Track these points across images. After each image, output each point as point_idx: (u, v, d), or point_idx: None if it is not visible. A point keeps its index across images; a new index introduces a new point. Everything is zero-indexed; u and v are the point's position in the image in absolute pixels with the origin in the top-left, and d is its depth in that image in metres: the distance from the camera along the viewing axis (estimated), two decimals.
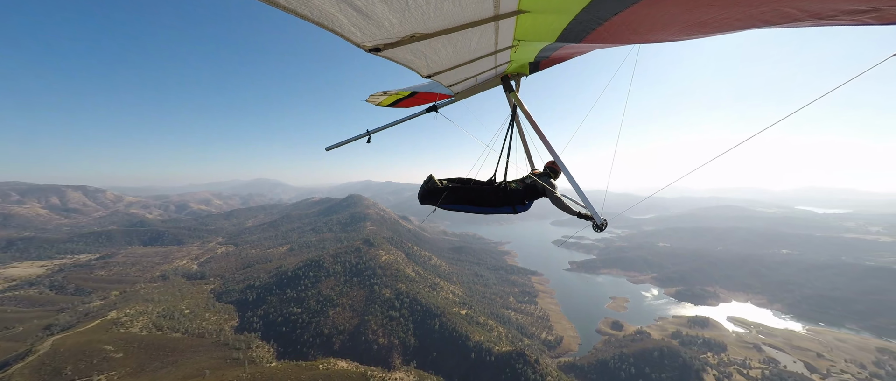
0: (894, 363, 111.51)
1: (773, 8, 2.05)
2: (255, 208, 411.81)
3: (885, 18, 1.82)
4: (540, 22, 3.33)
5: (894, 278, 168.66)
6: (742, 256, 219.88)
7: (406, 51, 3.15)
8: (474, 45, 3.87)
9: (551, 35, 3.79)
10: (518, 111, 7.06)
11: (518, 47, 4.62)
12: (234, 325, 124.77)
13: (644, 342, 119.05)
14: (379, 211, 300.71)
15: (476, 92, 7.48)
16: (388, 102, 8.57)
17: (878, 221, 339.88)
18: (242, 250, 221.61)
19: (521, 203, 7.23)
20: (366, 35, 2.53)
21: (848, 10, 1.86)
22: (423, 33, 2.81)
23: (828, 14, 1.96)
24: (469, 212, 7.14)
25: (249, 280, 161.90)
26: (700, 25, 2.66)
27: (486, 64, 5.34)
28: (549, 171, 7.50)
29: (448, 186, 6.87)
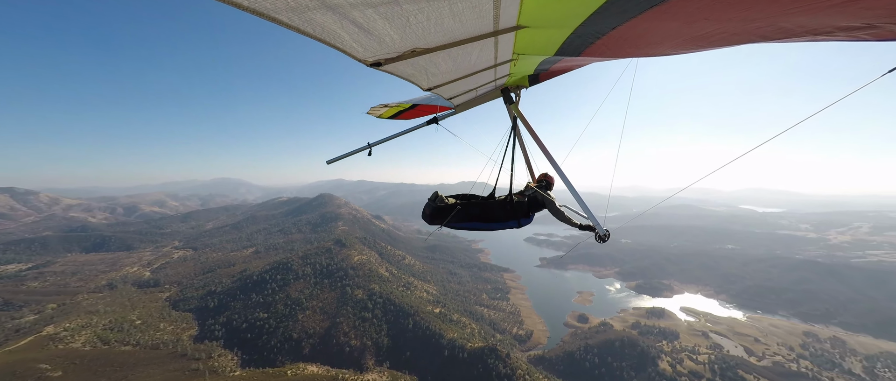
0: (817, 345, 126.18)
1: (771, 23, 2.08)
2: (216, 210, 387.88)
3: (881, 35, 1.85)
4: (539, 36, 3.42)
5: (818, 270, 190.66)
6: (694, 251, 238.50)
7: (407, 65, 3.24)
8: (474, 59, 3.95)
9: (550, 49, 3.90)
10: (518, 123, 7.03)
11: (517, 61, 4.68)
12: (193, 334, 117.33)
13: (607, 334, 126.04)
14: (351, 211, 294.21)
15: (476, 104, 7.47)
16: (388, 115, 8.56)
17: (806, 219, 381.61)
18: (202, 254, 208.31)
19: (525, 216, 7.12)
20: (367, 50, 2.56)
21: (843, 27, 1.89)
22: (424, 48, 2.88)
23: (824, 30, 1.99)
24: (475, 230, 6.91)
25: (210, 286, 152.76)
26: (698, 40, 2.71)
27: (486, 77, 5.39)
28: (543, 182, 7.49)
29: (457, 204, 6.66)
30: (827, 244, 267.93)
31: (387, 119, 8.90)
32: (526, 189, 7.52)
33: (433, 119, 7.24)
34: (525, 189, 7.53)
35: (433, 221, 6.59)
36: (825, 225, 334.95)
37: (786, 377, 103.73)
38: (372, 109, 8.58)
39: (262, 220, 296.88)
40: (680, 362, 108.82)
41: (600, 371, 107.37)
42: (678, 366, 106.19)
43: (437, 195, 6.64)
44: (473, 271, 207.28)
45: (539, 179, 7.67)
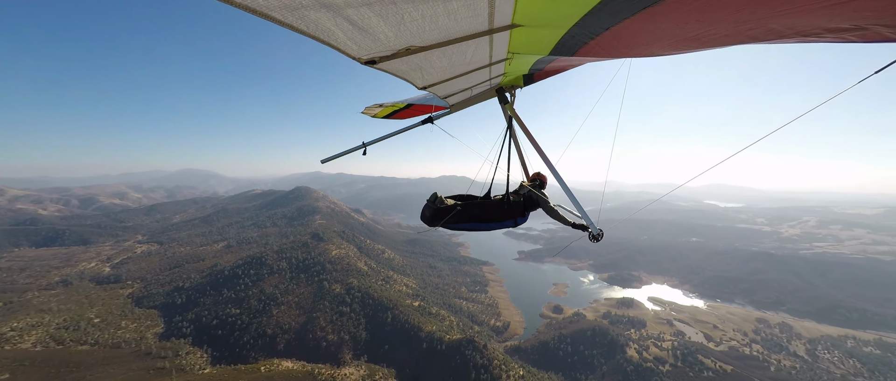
0: (767, 330, 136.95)
1: (761, 25, 2.11)
2: (183, 202, 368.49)
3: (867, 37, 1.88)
4: (533, 36, 3.43)
5: (770, 261, 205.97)
6: (662, 244, 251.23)
7: (401, 63, 3.23)
8: (469, 57, 3.93)
9: (545, 48, 3.90)
10: (513, 123, 7.01)
11: (512, 60, 4.70)
12: (159, 332, 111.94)
13: (580, 323, 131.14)
14: (329, 204, 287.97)
15: (471, 104, 7.44)
16: (383, 114, 8.49)
17: (762, 213, 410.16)
18: (169, 248, 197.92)
19: (521, 215, 7.15)
20: (361, 48, 2.54)
21: (832, 28, 1.92)
22: (419, 46, 2.87)
23: (813, 31, 2.03)
24: (473, 230, 6.92)
25: (177, 282, 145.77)
26: (690, 41, 2.76)
27: (481, 76, 5.37)
28: (536, 181, 7.53)
29: (457, 205, 6.64)
30: (779, 237, 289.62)
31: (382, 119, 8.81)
32: (520, 188, 7.57)
33: (428, 119, 7.16)
34: (520, 188, 7.58)
35: (433, 222, 6.55)
36: (778, 219, 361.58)
37: (740, 360, 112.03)
38: (367, 109, 8.51)
39: (234, 213, 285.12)
40: (646, 348, 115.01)
41: (573, 359, 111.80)
42: (644, 353, 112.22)
43: (436, 197, 6.60)
44: (453, 264, 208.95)
45: (532, 177, 7.71)
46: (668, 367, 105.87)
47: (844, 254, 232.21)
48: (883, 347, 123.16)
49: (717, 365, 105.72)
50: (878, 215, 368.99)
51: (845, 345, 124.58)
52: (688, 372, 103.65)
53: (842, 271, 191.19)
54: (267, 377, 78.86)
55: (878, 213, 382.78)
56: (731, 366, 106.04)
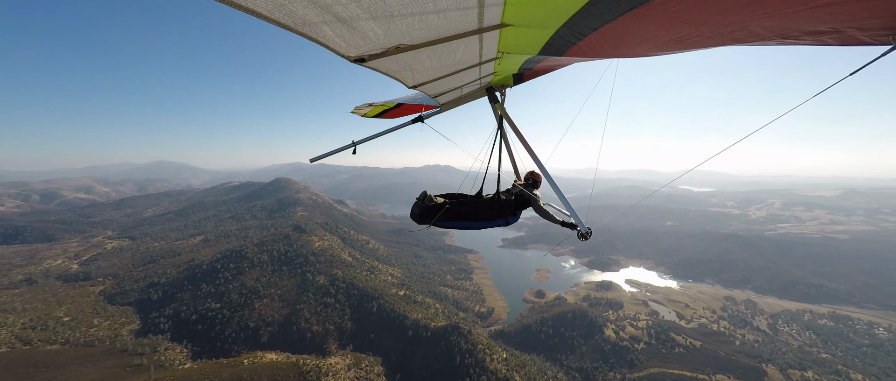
0: (734, 307, 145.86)
1: (742, 28, 2.21)
2: (156, 196, 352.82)
3: (845, 40, 1.96)
4: (522, 35, 3.45)
5: (738, 242, 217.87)
6: (639, 228, 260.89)
7: (391, 62, 3.21)
8: (459, 56, 3.93)
9: (534, 48, 3.93)
10: (504, 122, 7.03)
11: (502, 59, 4.72)
12: (135, 328, 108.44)
13: (561, 307, 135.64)
14: (311, 195, 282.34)
15: (462, 103, 7.43)
16: (373, 114, 8.45)
17: (732, 197, 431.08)
18: (142, 243, 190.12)
19: (513, 214, 7.18)
20: (350, 46, 2.52)
21: (810, 31, 2.00)
22: (409, 45, 2.86)
23: (792, 34, 2.11)
24: (464, 228, 6.94)
25: (152, 277, 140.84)
26: (675, 42, 2.83)
27: (471, 75, 5.37)
28: (530, 180, 7.54)
29: (446, 204, 6.63)
30: (747, 219, 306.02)
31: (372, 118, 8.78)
32: (513, 188, 7.54)
33: (418, 118, 7.12)
34: (512, 188, 7.54)
35: (422, 220, 6.54)
36: (746, 202, 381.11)
37: (708, 336, 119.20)
38: (356, 109, 8.48)
39: (210, 206, 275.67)
40: (622, 328, 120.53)
41: (554, 341, 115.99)
42: (621, 332, 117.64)
43: (426, 195, 6.62)
44: (438, 253, 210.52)
45: (526, 177, 7.74)
46: (643, 345, 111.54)
47: (805, 234, 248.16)
48: (836, 319, 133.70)
49: (688, 341, 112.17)
50: (835, 197, 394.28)
51: (803, 319, 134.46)
52: (660, 349, 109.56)
53: (802, 250, 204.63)
54: (251, 369, 78.10)
55: (835, 195, 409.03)
56: (700, 342, 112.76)
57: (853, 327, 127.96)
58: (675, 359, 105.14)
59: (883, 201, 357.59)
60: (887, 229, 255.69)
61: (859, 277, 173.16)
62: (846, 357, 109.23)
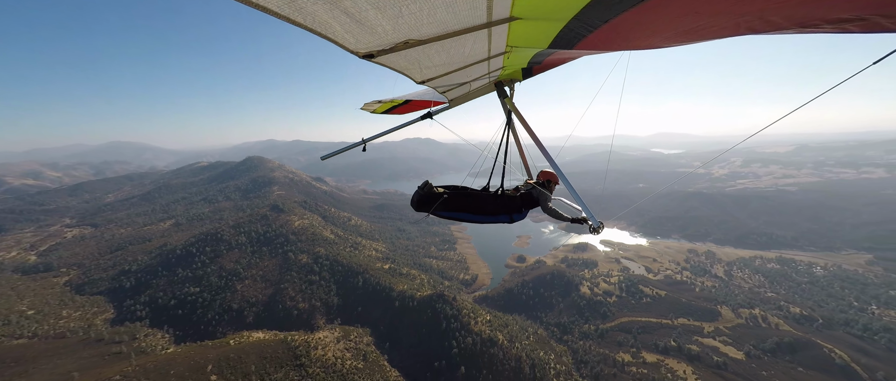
0: (696, 259, 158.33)
1: (760, 17, 2.09)
2: (115, 179, 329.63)
3: (869, 27, 1.85)
4: (532, 29, 3.34)
5: (702, 199, 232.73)
6: (614, 192, 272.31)
7: (400, 57, 3.13)
8: (468, 51, 3.82)
9: (544, 42, 3.81)
10: (513, 117, 6.96)
11: (511, 53, 4.56)
12: (109, 317, 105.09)
13: (541, 269, 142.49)
14: (287, 174, 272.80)
15: (471, 98, 7.29)
16: (382, 110, 8.37)
17: (699, 157, 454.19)
18: (105, 231, 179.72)
19: (518, 211, 7.11)
20: (359, 41, 2.50)
21: (832, 19, 1.89)
22: (417, 40, 2.80)
23: (812, 22, 1.99)
24: (464, 220, 6.97)
25: (122, 265, 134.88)
26: (689, 33, 2.69)
27: (480, 70, 5.26)
28: (545, 181, 7.44)
29: (444, 193, 6.64)
30: (711, 177, 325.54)
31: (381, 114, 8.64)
32: (521, 186, 7.48)
33: (427, 114, 7.12)
34: (522, 186, 7.48)
35: (420, 208, 6.61)
36: (711, 162, 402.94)
37: (672, 285, 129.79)
38: (366, 105, 8.44)
39: (178, 189, 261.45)
40: (597, 285, 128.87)
41: (534, 301, 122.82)
42: (595, 289, 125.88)
43: (426, 184, 6.71)
44: (422, 226, 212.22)
45: (539, 177, 7.63)
46: (615, 298, 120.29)
47: (760, 188, 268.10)
48: (782, 262, 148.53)
49: (654, 292, 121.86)
50: (789, 152, 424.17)
51: (754, 264, 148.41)
52: (630, 300, 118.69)
53: (758, 203, 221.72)
54: (238, 349, 78.35)
55: (789, 150, 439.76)
56: (665, 291, 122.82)
57: (795, 268, 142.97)
58: (643, 308, 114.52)
59: (829, 154, 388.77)
60: (831, 180, 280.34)
61: (804, 224, 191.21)
62: (788, 294, 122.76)
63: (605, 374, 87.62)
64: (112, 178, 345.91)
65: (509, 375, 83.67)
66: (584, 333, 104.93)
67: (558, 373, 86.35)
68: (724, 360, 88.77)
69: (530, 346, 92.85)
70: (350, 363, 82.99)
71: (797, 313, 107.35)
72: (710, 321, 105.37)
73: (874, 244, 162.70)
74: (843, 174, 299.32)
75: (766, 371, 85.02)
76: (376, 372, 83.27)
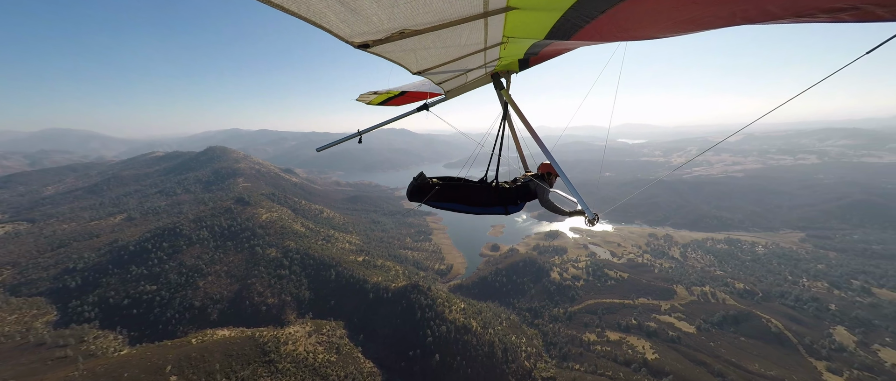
0: (655, 242, 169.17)
1: (757, 6, 2.09)
2: (56, 170, 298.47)
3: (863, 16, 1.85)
4: (529, 19, 3.31)
5: (662, 186, 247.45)
6: (581, 181, 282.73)
7: (395, 47, 3.10)
8: (464, 41, 3.75)
9: (540, 32, 3.76)
10: (510, 109, 6.89)
11: (507, 44, 4.50)
12: (52, 320, 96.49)
13: (513, 257, 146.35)
14: (253, 165, 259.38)
15: (467, 90, 7.23)
16: (378, 101, 8.38)
17: (660, 147, 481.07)
18: (45, 226, 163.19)
19: (513, 203, 7.14)
20: (354, 31, 2.49)
21: (827, 8, 1.89)
22: (413, 29, 2.78)
23: (808, 12, 1.99)
24: (458, 211, 6.99)
25: (65, 263, 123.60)
26: (685, 23, 2.69)
27: (476, 61, 5.20)
28: (544, 174, 7.39)
29: (438, 183, 6.66)
30: (670, 165, 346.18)
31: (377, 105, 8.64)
32: (517, 178, 7.48)
33: (423, 105, 7.08)
34: (517, 178, 7.49)
35: (413, 198, 6.71)
36: (670, 151, 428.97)
37: (634, 268, 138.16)
38: (361, 96, 8.49)
39: (130, 180, 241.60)
40: (566, 270, 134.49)
41: (507, 288, 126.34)
42: (564, 274, 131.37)
43: (421, 175, 6.81)
44: (397, 217, 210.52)
45: (540, 169, 7.58)
46: (582, 282, 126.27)
47: (712, 175, 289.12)
48: (729, 242, 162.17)
49: (618, 275, 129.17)
50: (739, 141, 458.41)
51: (706, 245, 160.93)
52: (596, 283, 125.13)
53: (710, 188, 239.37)
54: (200, 348, 74.75)
55: (739, 139, 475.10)
56: (628, 274, 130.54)
57: (741, 247, 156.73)
58: (608, 290, 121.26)
59: (771, 143, 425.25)
60: (772, 166, 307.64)
61: (748, 207, 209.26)
62: (734, 271, 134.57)
63: (573, 354, 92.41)
64: (51, 168, 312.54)
65: (482, 360, 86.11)
66: (553, 316, 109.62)
67: (529, 356, 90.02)
68: (678, 334, 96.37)
69: (503, 331, 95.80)
70: (322, 357, 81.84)
71: (741, 288, 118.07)
72: (667, 300, 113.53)
73: (806, 224, 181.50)
74: (782, 161, 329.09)
75: (714, 342, 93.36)
76: (350, 364, 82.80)
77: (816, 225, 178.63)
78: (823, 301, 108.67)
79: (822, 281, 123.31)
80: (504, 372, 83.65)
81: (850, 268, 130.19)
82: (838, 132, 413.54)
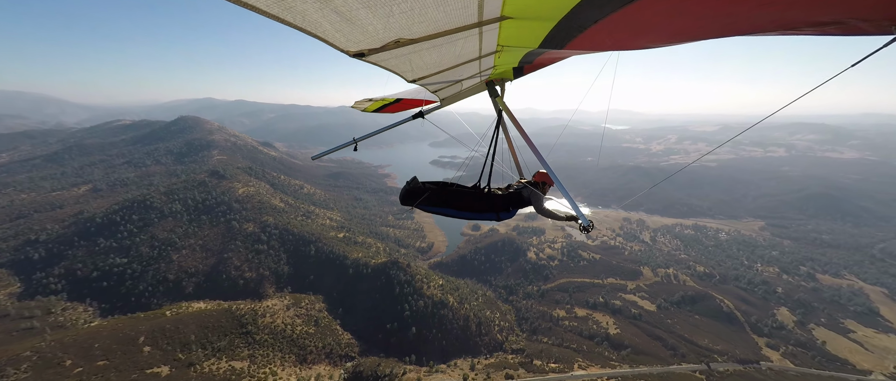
0: (628, 226, 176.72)
1: (745, 18, 2.17)
2: (10, 136, 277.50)
3: (848, 30, 1.93)
4: (523, 28, 3.36)
5: (639, 172, 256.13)
6: (563, 164, 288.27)
7: (391, 56, 3.10)
8: (459, 50, 3.80)
9: (534, 41, 3.81)
10: (504, 116, 6.92)
11: (502, 53, 4.58)
12: (16, 291, 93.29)
13: (493, 237, 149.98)
14: (228, 137, 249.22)
15: (462, 97, 7.30)
16: (373, 109, 8.42)
17: (641, 134, 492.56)
18: (2, 196, 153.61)
19: (505, 210, 7.15)
20: (350, 40, 2.49)
21: (813, 22, 1.98)
22: (408, 39, 2.79)
23: (795, 25, 2.09)
24: (450, 216, 7.06)
25: (26, 234, 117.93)
26: (676, 34, 2.77)
27: (471, 69, 5.24)
28: (540, 183, 7.46)
29: (430, 187, 6.74)
30: (649, 153, 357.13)
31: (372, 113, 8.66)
32: (511, 185, 7.56)
33: (419, 113, 7.21)
34: (510, 185, 7.57)
35: (405, 201, 6.83)
36: (650, 138, 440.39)
37: (606, 250, 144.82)
38: (356, 103, 8.48)
39: (94, 150, 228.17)
40: (542, 250, 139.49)
41: (485, 266, 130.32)
42: (540, 254, 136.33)
43: (414, 179, 6.94)
44: (380, 195, 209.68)
45: (535, 178, 7.68)
46: (557, 262, 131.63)
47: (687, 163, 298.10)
48: (696, 228, 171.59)
49: (590, 256, 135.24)
50: (715, 131, 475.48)
51: (674, 230, 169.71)
52: (570, 264, 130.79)
53: (684, 176, 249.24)
54: (175, 320, 74.57)
55: (715, 129, 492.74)
56: (600, 255, 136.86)
57: (706, 233, 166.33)
58: (580, 270, 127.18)
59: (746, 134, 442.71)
60: (743, 157, 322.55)
61: (717, 195, 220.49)
62: (697, 255, 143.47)
63: (543, 328, 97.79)
64: (5, 134, 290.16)
65: (457, 333, 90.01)
66: (527, 293, 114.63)
67: (501, 329, 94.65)
68: (640, 312, 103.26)
69: (478, 306, 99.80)
70: (301, 329, 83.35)
71: (701, 271, 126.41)
72: (633, 280, 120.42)
73: (767, 213, 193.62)
74: (753, 152, 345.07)
75: (671, 319, 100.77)
76: (328, 336, 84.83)
77: (776, 214, 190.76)
78: (772, 285, 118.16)
79: (773, 266, 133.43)
80: (477, 344, 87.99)
81: (800, 255, 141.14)
82: (806, 127, 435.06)
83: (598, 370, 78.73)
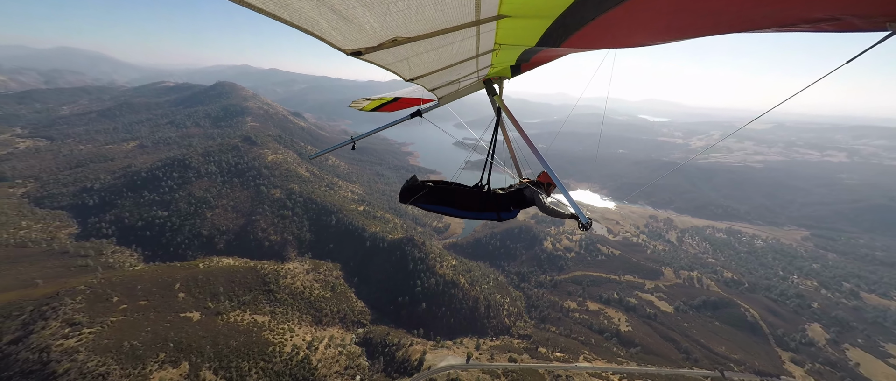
0: (654, 224, 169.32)
1: (742, 15, 2.21)
2: (70, 91, 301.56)
3: (843, 26, 1.95)
4: (520, 26, 3.36)
5: (673, 169, 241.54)
6: (593, 155, 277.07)
7: (388, 54, 3.12)
8: (456, 49, 3.81)
9: (531, 39, 3.84)
10: (502, 114, 6.96)
11: (499, 51, 4.58)
12: (74, 232, 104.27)
13: (511, 223, 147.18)
14: (262, 105, 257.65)
15: (460, 96, 7.39)
16: (371, 108, 8.61)
17: (682, 127, 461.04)
18: (63, 145, 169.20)
19: (506, 210, 7.14)
20: (346, 39, 2.48)
21: (809, 19, 1.99)
22: (405, 37, 2.79)
23: (790, 22, 2.10)
24: (450, 215, 7.09)
25: (83, 182, 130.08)
26: (673, 31, 2.80)
27: (469, 68, 5.27)
28: (543, 183, 7.49)
29: (428, 185, 6.80)
30: (687, 148, 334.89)
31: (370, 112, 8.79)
32: (512, 185, 7.61)
33: (417, 112, 7.32)
34: (512, 185, 7.62)
35: (404, 198, 6.89)
36: (691, 133, 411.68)
37: (627, 247, 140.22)
38: (354, 103, 8.73)
39: (142, 108, 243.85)
40: (560, 241, 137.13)
41: (499, 251, 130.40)
42: (557, 244, 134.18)
43: (414, 177, 7.03)
44: (401, 172, 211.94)
45: (540, 178, 7.74)
46: (573, 254, 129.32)
47: (729, 163, 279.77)
48: (729, 233, 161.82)
49: (610, 251, 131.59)
50: (765, 130, 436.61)
51: (705, 233, 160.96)
52: (587, 257, 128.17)
53: (723, 176, 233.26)
54: (206, 272, 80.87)
55: (766, 128, 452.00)
56: (620, 251, 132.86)
57: (739, 238, 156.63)
58: (597, 264, 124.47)
59: (800, 135, 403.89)
60: (795, 160, 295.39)
61: (758, 199, 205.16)
62: (726, 261, 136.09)
63: (552, 317, 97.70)
64: (66, 88, 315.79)
65: (466, 313, 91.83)
66: (539, 282, 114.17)
67: (510, 314, 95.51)
68: (656, 312, 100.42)
69: (489, 289, 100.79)
70: (318, 293, 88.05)
71: (728, 277, 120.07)
72: (653, 280, 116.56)
73: (813, 222, 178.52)
74: (808, 155, 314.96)
75: (688, 323, 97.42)
76: (343, 302, 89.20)
77: (824, 225, 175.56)
78: (807, 299, 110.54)
79: (812, 279, 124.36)
80: (484, 326, 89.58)
81: (845, 270, 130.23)
82: (875, 131, 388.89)
83: (604, 364, 78.28)
